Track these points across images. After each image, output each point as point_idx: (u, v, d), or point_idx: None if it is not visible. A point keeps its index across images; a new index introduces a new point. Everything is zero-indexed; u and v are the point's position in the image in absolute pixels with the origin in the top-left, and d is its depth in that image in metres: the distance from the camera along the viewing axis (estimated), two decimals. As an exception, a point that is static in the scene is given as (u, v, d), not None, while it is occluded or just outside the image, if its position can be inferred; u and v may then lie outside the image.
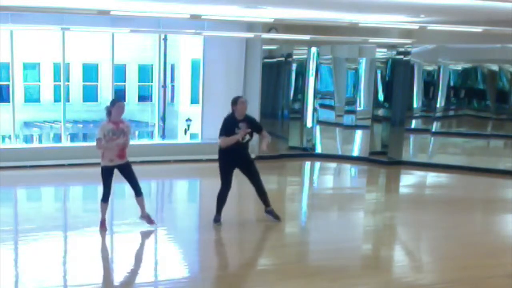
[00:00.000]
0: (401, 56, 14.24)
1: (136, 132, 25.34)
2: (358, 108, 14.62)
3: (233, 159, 8.29)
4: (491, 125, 13.36)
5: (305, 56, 14.99)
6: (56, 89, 26.84)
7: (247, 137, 8.23)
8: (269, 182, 8.86)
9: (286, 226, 8.84)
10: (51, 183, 11.81)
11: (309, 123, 15.12)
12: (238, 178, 8.86)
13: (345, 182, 13.64)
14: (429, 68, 14.03)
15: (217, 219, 8.49)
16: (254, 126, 8.37)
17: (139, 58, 28.58)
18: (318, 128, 15.10)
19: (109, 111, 7.74)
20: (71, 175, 12.33)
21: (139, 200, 8.13)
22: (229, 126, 8.20)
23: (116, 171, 7.91)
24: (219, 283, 6.43)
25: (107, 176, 7.83)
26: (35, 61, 27.20)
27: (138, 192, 8.04)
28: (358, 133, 14.73)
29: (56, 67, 26.24)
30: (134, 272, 6.95)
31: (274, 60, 15.09)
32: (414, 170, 13.62)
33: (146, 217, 8.23)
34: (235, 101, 8.29)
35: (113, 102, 7.90)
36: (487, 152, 13.50)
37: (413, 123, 14.23)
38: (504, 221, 9.90)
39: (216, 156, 12.97)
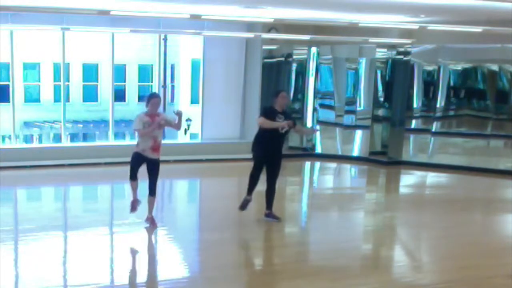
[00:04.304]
0: (401, 56, 14.24)
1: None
2: (358, 108, 14.62)
3: (267, 150, 8.43)
4: (491, 125, 13.36)
5: (305, 56, 14.99)
6: (56, 89, 26.81)
7: (286, 128, 8.39)
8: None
9: (286, 226, 8.85)
10: (51, 183, 11.80)
11: (309, 123, 15.12)
12: (238, 178, 8.87)
13: (345, 182, 13.64)
14: (429, 68, 14.03)
15: (245, 204, 8.61)
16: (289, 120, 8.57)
17: (139, 58, 28.56)
18: (318, 128, 15.09)
19: (146, 104, 8.05)
20: (71, 175, 12.33)
21: (151, 200, 8.21)
22: (269, 112, 8.44)
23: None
24: (219, 283, 6.42)
25: (134, 162, 8.05)
26: (35, 61, 27.17)
27: (152, 192, 8.13)
28: (358, 133, 14.73)
29: (56, 67, 26.21)
30: (134, 272, 6.95)
31: (274, 60, 15.11)
32: (414, 170, 13.62)
33: (150, 219, 8.27)
34: (276, 94, 8.55)
35: (148, 98, 8.14)
36: (487, 152, 13.50)
37: (413, 123, 14.23)
38: (504, 221, 9.90)
39: (216, 156, 13.05)
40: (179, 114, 8.22)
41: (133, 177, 8.12)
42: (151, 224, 8.24)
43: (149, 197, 8.19)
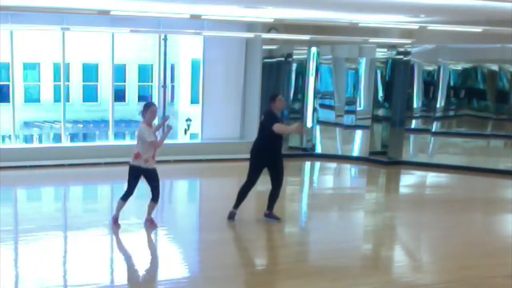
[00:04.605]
0: (401, 56, 14.24)
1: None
2: (358, 108, 14.63)
3: (269, 155, 8.40)
4: (491, 125, 13.36)
5: (305, 56, 14.99)
6: (56, 89, 26.85)
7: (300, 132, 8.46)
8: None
9: (286, 226, 8.85)
10: (51, 183, 11.80)
11: (309, 123, 15.13)
12: (238, 178, 8.86)
13: (345, 182, 13.63)
14: (429, 68, 14.03)
15: (232, 216, 8.58)
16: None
17: (139, 58, 28.58)
18: (318, 128, 15.10)
19: (143, 114, 8.00)
20: (71, 175, 12.33)
21: (152, 205, 8.22)
22: (276, 117, 8.41)
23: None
24: (219, 283, 6.42)
25: (134, 177, 7.99)
26: (35, 61, 27.20)
27: (154, 198, 8.14)
28: (358, 133, 14.73)
29: (56, 67, 26.24)
30: (134, 272, 6.95)
31: (274, 60, 15.11)
32: (414, 170, 13.62)
33: (149, 220, 8.28)
34: (273, 98, 8.46)
35: (146, 106, 8.09)
36: (487, 152, 13.50)
37: (413, 123, 14.23)
38: (504, 221, 9.90)
39: (216, 156, 12.93)
40: (166, 119, 8.23)
41: (126, 197, 8.08)
42: (151, 224, 8.25)
43: (151, 203, 8.20)
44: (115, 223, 8.21)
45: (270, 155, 8.43)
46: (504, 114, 13.29)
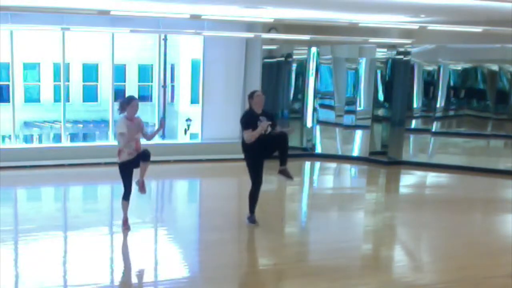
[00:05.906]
0: (401, 56, 14.24)
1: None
2: (358, 108, 14.62)
3: (259, 152, 8.16)
4: (491, 125, 13.36)
5: (305, 56, 14.99)
6: (56, 89, 26.83)
7: (269, 129, 8.16)
8: (269, 181, 8.87)
9: (286, 226, 8.85)
10: (51, 183, 11.81)
11: (309, 123, 15.13)
12: (238, 178, 8.87)
13: (345, 182, 13.63)
14: (429, 68, 14.03)
15: (252, 220, 8.45)
16: (272, 120, 8.29)
17: (139, 58, 28.56)
18: (318, 128, 15.10)
19: (123, 108, 7.80)
20: (71, 175, 12.33)
21: (144, 164, 7.84)
22: (250, 120, 8.13)
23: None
24: (219, 283, 6.42)
25: (126, 174, 7.79)
26: (35, 61, 27.19)
27: (145, 158, 7.79)
28: (358, 133, 14.73)
29: (56, 67, 26.22)
30: (134, 272, 6.95)
31: (274, 60, 15.10)
32: (414, 170, 13.62)
33: (141, 183, 7.98)
34: (251, 95, 8.27)
35: (128, 101, 7.89)
36: (487, 152, 13.50)
37: (413, 123, 14.23)
38: (504, 221, 9.90)
39: (216, 156, 12.93)
40: (162, 122, 8.06)
41: (127, 197, 7.89)
42: (141, 188, 7.98)
43: (142, 162, 7.82)
44: (125, 225, 8.11)
45: (259, 150, 8.15)
46: (504, 114, 13.29)
